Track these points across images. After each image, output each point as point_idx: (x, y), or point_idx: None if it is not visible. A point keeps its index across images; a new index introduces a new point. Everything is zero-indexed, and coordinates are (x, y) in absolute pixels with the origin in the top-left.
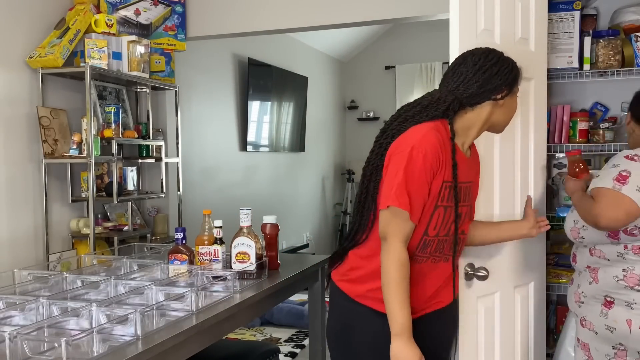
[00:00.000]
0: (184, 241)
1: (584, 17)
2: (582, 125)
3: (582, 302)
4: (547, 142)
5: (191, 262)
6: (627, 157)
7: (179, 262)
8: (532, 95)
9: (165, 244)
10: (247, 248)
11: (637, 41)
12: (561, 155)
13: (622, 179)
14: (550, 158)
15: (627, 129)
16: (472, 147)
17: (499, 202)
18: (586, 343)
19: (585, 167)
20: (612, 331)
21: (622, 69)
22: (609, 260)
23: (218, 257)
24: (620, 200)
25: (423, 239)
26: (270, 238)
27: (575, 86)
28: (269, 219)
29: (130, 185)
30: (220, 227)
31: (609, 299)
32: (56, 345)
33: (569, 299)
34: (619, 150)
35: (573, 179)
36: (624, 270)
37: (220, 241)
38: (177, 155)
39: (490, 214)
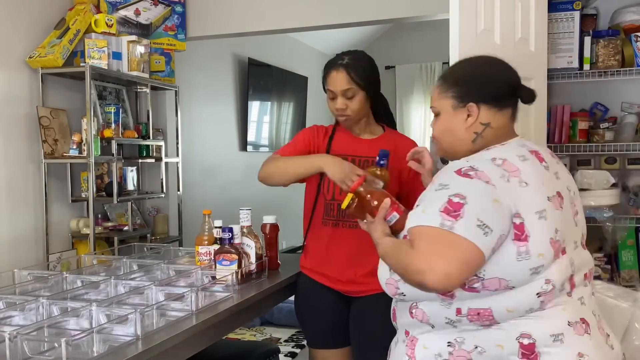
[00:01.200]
0: (232, 241)
1: (584, 17)
2: (582, 125)
3: None
4: (547, 142)
5: (240, 264)
6: (458, 172)
7: (228, 262)
8: None
9: (165, 244)
10: (247, 248)
11: (637, 41)
12: (561, 155)
13: (454, 209)
14: None
15: (471, 127)
16: (380, 137)
17: None
18: None
19: (380, 197)
20: None
21: (622, 69)
22: (432, 327)
23: None
24: (452, 245)
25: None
26: (270, 238)
27: (575, 86)
28: (268, 219)
29: (130, 185)
30: (220, 227)
31: None
32: (56, 345)
33: None
34: (619, 150)
35: (370, 221)
36: (449, 344)
37: (220, 241)
38: (177, 155)
39: None
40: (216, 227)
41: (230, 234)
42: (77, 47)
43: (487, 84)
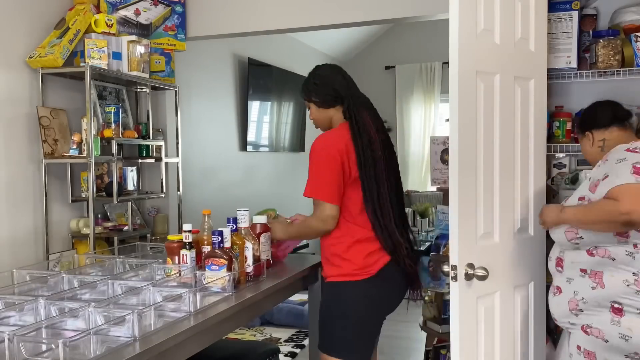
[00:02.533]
0: (221, 245)
1: (583, 17)
2: (569, 125)
3: (582, 310)
4: (547, 142)
5: (230, 269)
6: (628, 150)
7: (217, 267)
8: (532, 95)
9: (164, 244)
10: (244, 249)
11: (637, 41)
12: (561, 155)
13: (637, 172)
14: (550, 158)
15: (590, 146)
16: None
17: (499, 201)
18: (592, 352)
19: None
20: (627, 340)
21: (622, 69)
22: (614, 260)
23: None
24: None
25: None
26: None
27: (575, 86)
28: (259, 219)
29: (130, 185)
30: (189, 231)
31: (616, 305)
32: (53, 346)
33: (558, 309)
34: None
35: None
36: (634, 273)
37: (189, 246)
38: (177, 155)
39: (490, 214)
40: (185, 231)
41: (219, 237)
42: (77, 47)
43: (588, 117)
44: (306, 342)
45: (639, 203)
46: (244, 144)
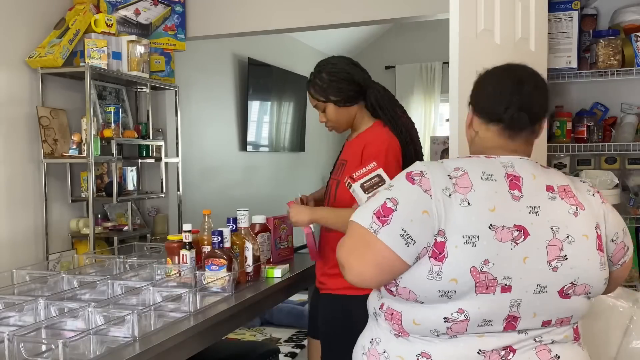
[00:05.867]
0: (221, 245)
1: (584, 17)
2: (569, 125)
3: None
4: (547, 142)
5: (230, 269)
6: (408, 175)
7: (217, 267)
8: None
9: (164, 244)
10: (244, 249)
11: (637, 41)
12: (561, 155)
13: (384, 214)
14: (550, 158)
15: (468, 133)
16: (359, 134)
17: None
18: None
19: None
20: None
21: (622, 69)
22: (369, 316)
23: None
24: (371, 248)
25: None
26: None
27: (575, 86)
28: (258, 219)
29: (130, 185)
30: (188, 231)
31: None
32: (53, 347)
33: None
34: (619, 150)
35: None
36: (371, 341)
37: (189, 246)
38: (177, 155)
39: None
40: (185, 231)
41: (219, 237)
42: (77, 47)
43: (478, 93)
44: (306, 342)
45: (355, 257)
46: (244, 144)
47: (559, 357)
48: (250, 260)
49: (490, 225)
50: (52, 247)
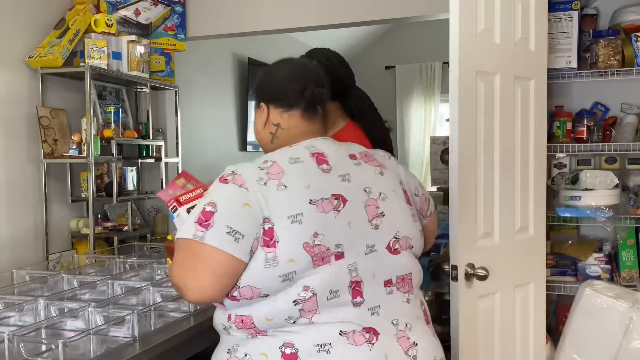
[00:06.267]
0: None
1: (584, 17)
2: (569, 125)
3: None
4: (547, 142)
5: None
6: (221, 178)
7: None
8: (532, 95)
9: (164, 244)
10: None
11: (637, 41)
12: (561, 155)
13: (205, 218)
14: (550, 158)
15: (264, 132)
16: (332, 134)
17: (499, 202)
18: None
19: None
20: None
21: (622, 69)
22: (220, 334)
23: None
24: (201, 256)
25: None
26: None
27: (575, 86)
28: None
29: (130, 185)
30: None
31: None
32: (53, 347)
33: None
34: (619, 150)
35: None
36: (228, 350)
37: None
38: (177, 155)
39: (490, 214)
40: None
41: None
42: (76, 47)
43: (267, 84)
44: None
45: (186, 273)
46: (244, 144)
47: (416, 344)
48: None
49: (310, 200)
50: (52, 247)
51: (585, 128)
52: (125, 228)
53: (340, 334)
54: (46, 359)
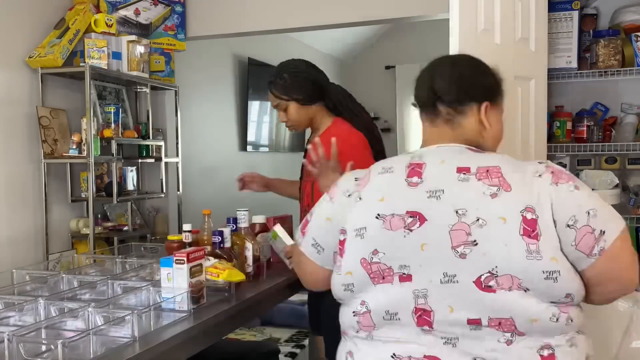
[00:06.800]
0: (222, 245)
1: (584, 17)
2: (569, 125)
3: None
4: (547, 142)
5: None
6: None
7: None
8: (532, 95)
9: (163, 244)
10: (244, 249)
11: (637, 41)
12: (562, 155)
13: (304, 226)
14: (550, 158)
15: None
16: (322, 133)
17: None
18: None
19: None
20: None
21: (622, 69)
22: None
23: None
24: (300, 260)
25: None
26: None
27: (575, 86)
28: (258, 219)
29: (130, 185)
30: (188, 231)
31: None
32: (53, 347)
33: None
34: (619, 150)
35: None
36: (348, 352)
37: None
38: (177, 155)
39: None
40: (185, 231)
41: (220, 237)
42: (76, 47)
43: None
44: (306, 342)
45: (299, 272)
46: (244, 144)
47: None
48: (250, 260)
49: (378, 215)
50: (52, 247)
51: (585, 128)
52: (125, 228)
53: (392, 357)
54: (46, 359)
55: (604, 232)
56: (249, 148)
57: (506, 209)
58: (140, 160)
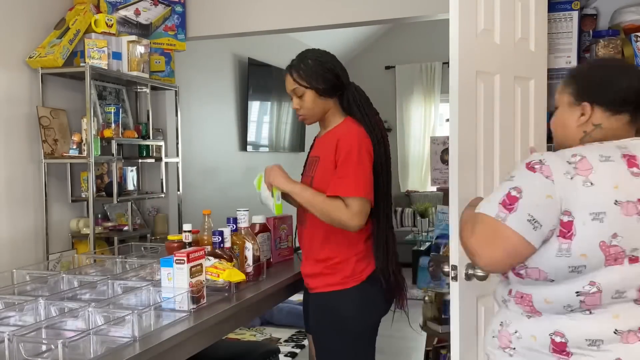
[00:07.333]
0: (222, 245)
1: (583, 17)
2: None
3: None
4: (547, 142)
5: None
6: (527, 164)
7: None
8: (532, 95)
9: (163, 244)
10: (244, 249)
11: (637, 41)
12: None
13: (510, 202)
14: None
15: (582, 126)
16: (330, 130)
17: None
18: None
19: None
20: None
21: None
22: (498, 305)
23: None
24: (499, 235)
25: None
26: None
27: None
28: (258, 219)
29: (130, 185)
30: (189, 231)
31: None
32: (53, 347)
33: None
34: None
35: None
36: (500, 324)
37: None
38: (177, 155)
39: None
40: (185, 231)
41: (220, 237)
42: (77, 47)
43: (606, 87)
44: (306, 342)
45: (485, 245)
46: (244, 144)
47: None
48: (250, 260)
49: (616, 201)
50: (52, 247)
51: None
52: (126, 228)
53: (615, 332)
54: (46, 359)
55: None
56: (249, 148)
57: None
58: (140, 160)
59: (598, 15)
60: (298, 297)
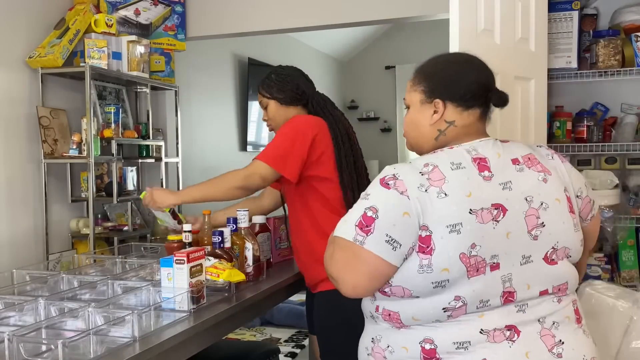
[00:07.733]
0: (222, 245)
1: (584, 17)
2: (569, 125)
3: None
4: (547, 142)
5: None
6: (382, 181)
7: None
8: (532, 95)
9: (163, 244)
10: (244, 249)
11: (637, 41)
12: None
13: (366, 224)
14: None
15: (436, 124)
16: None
17: None
18: None
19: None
20: None
21: (622, 69)
22: (367, 319)
23: None
24: (360, 260)
25: None
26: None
27: (575, 86)
28: (258, 219)
29: (130, 185)
30: (188, 231)
31: None
32: (53, 347)
33: None
34: (619, 150)
35: None
36: (372, 340)
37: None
38: (177, 155)
39: None
40: (185, 231)
41: (220, 237)
42: (77, 47)
43: (455, 82)
44: (306, 342)
45: (346, 271)
46: (244, 144)
47: (562, 342)
48: (250, 260)
49: (470, 210)
50: (52, 247)
51: (585, 128)
52: (125, 228)
53: (480, 332)
54: (46, 359)
55: (593, 201)
56: (249, 148)
57: (556, 191)
58: (140, 160)
59: (598, 15)
60: (298, 297)
